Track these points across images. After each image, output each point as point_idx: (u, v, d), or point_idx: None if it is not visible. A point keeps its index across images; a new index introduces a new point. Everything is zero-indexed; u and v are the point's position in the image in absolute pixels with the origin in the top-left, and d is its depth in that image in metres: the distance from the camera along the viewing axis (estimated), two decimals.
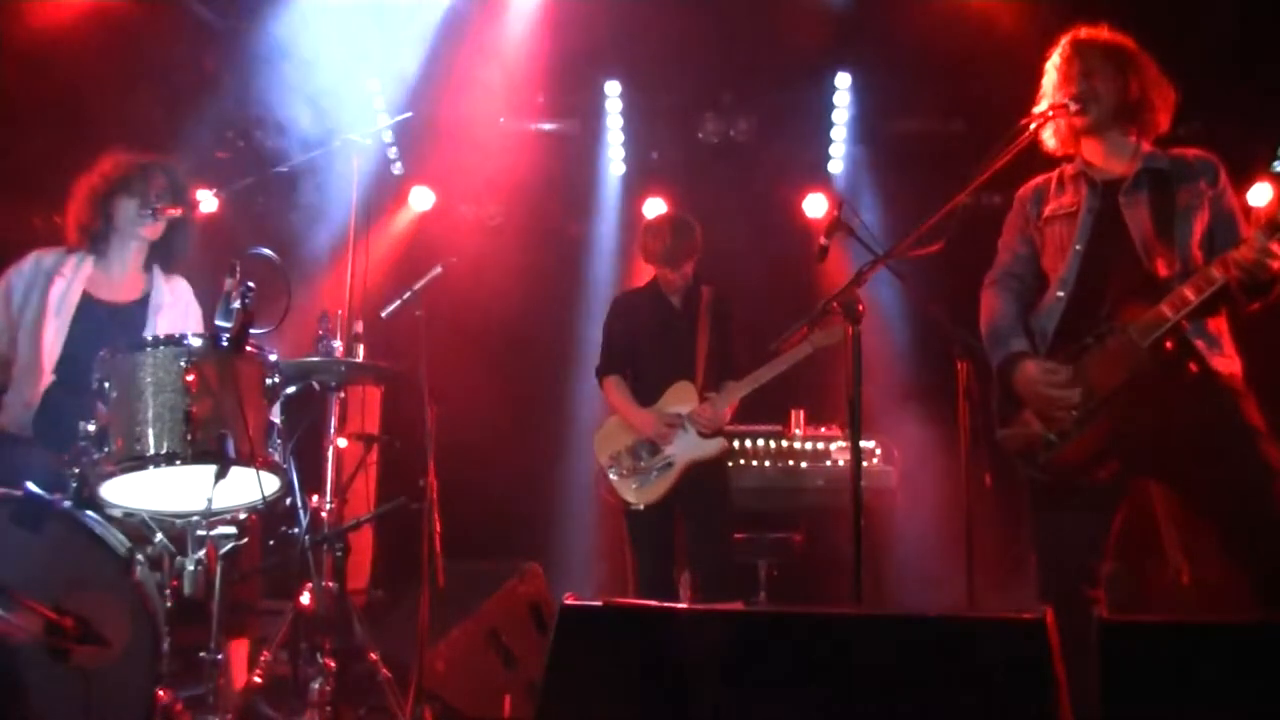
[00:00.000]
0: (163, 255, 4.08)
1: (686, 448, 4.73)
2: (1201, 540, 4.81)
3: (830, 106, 6.53)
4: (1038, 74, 3.50)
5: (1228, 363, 3.21)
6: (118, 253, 4.00)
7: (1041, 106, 3.44)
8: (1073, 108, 3.33)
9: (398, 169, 6.97)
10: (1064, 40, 3.45)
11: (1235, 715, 2.17)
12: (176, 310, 4.06)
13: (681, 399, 4.80)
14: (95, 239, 3.96)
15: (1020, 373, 3.36)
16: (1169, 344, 3.15)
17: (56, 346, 3.80)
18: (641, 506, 4.71)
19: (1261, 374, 3.32)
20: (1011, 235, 3.61)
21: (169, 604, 3.23)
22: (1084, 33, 3.42)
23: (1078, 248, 3.38)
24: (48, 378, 3.76)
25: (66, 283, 3.88)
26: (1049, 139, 3.47)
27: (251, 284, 3.28)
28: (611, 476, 4.78)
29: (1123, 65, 3.36)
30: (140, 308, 4.00)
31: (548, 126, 6.71)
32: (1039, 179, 3.59)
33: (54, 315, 3.83)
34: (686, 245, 4.83)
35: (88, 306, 3.90)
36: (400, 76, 6.12)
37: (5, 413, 3.79)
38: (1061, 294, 3.38)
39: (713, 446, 4.75)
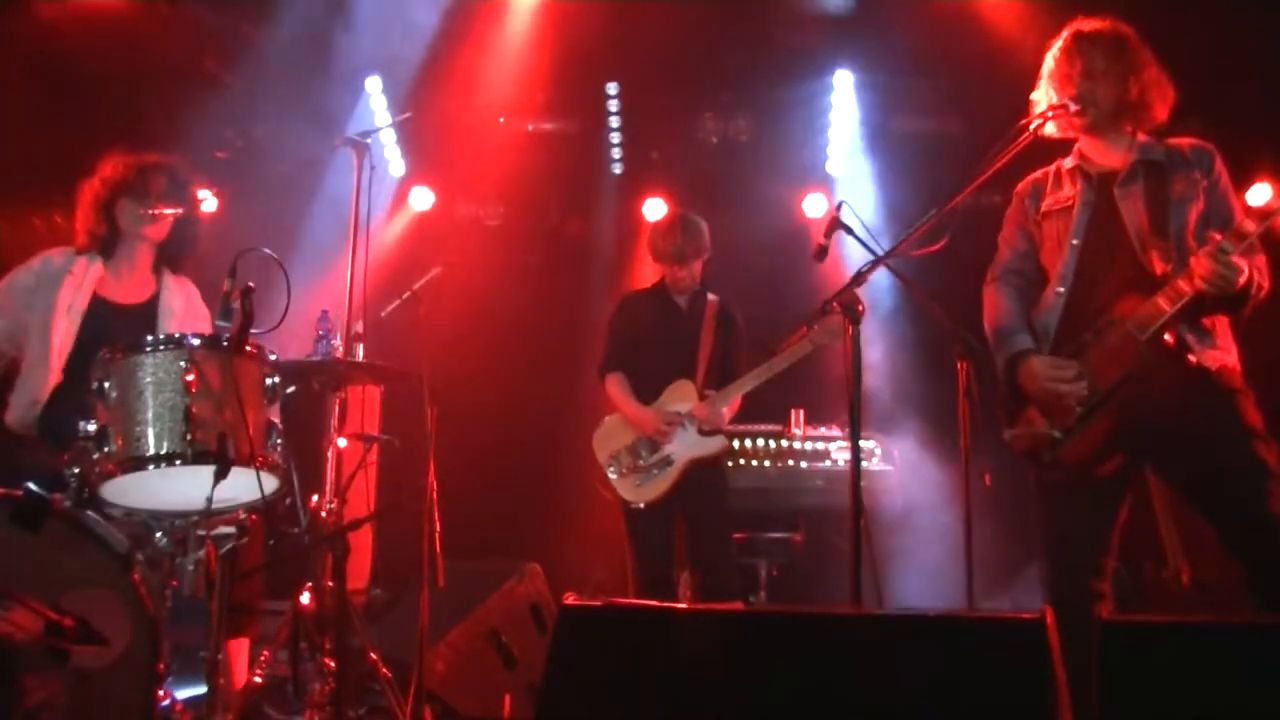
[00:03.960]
0: (171, 255, 4.09)
1: (687, 446, 4.73)
2: (1201, 540, 4.80)
3: (830, 106, 6.54)
4: (1038, 74, 3.50)
5: (1220, 355, 3.20)
6: (126, 255, 4.01)
7: (1038, 95, 3.45)
8: (1072, 108, 3.33)
9: (398, 169, 6.97)
10: (1066, 32, 3.42)
11: (1235, 715, 2.17)
12: (188, 313, 4.07)
13: (681, 397, 4.79)
14: (103, 243, 3.98)
15: (1026, 369, 3.36)
16: (1168, 337, 3.15)
17: (67, 347, 3.81)
18: (641, 505, 4.70)
19: (1261, 368, 3.31)
20: (1011, 231, 3.62)
21: (169, 604, 3.23)
22: (1086, 27, 3.40)
23: (1074, 242, 3.39)
24: (56, 377, 3.77)
25: (78, 283, 3.89)
26: (1048, 126, 3.43)
27: (251, 284, 3.28)
28: (611, 475, 4.77)
29: (1124, 66, 3.35)
30: (150, 309, 4.01)
31: (548, 126, 6.71)
32: (1036, 174, 3.59)
33: (64, 316, 3.83)
34: (695, 244, 4.84)
35: (98, 308, 3.90)
36: (400, 76, 6.13)
37: (11, 411, 3.80)
38: (1061, 290, 3.39)
39: (713, 445, 4.75)
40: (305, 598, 4.02)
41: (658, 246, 4.89)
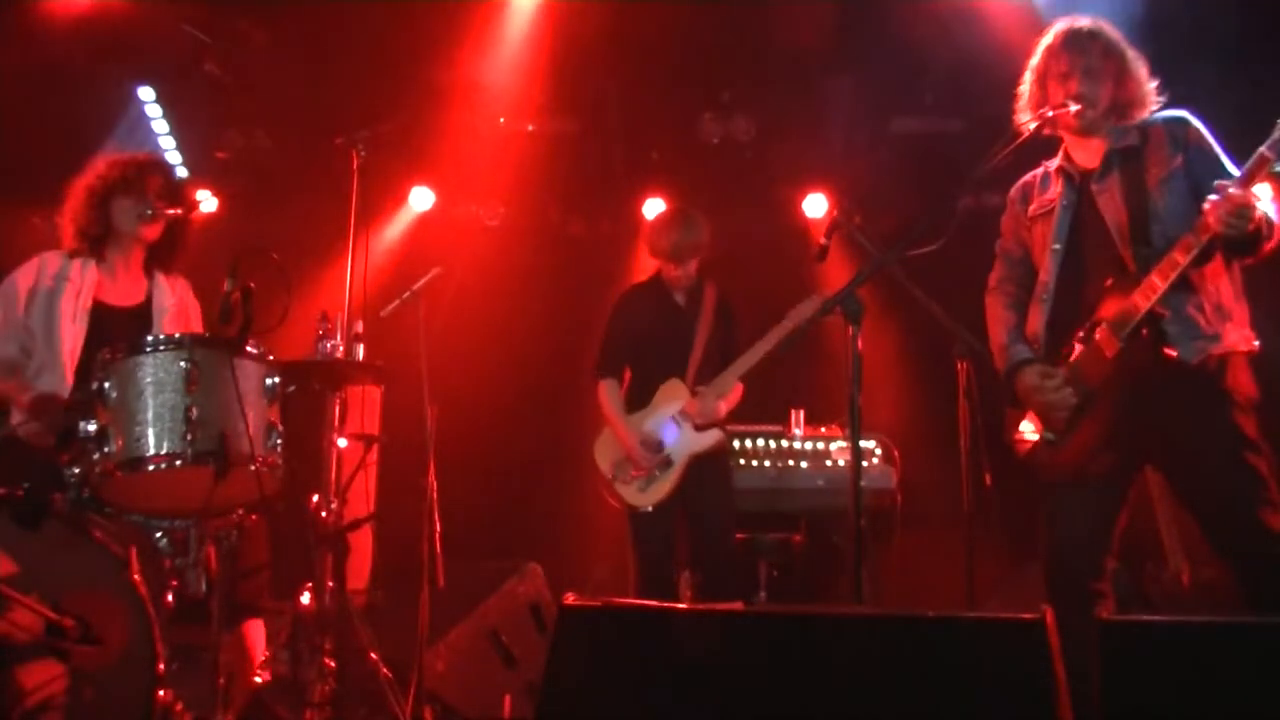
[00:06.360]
0: (161, 256, 4.06)
1: (684, 444, 4.72)
2: (1201, 540, 4.80)
3: (830, 106, 6.53)
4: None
5: (1205, 346, 3.15)
6: (118, 256, 3.97)
7: (1026, 90, 3.43)
8: (1073, 108, 3.31)
9: (397, 169, 6.96)
10: (1059, 29, 3.39)
11: (1235, 715, 2.17)
12: (178, 311, 4.06)
13: (673, 396, 4.79)
14: (94, 242, 3.92)
15: (1021, 381, 3.40)
16: (1145, 333, 3.14)
17: (76, 353, 3.78)
18: (650, 508, 4.69)
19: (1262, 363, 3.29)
20: (1007, 237, 3.64)
21: (169, 604, 3.23)
22: (1083, 25, 3.37)
23: (1055, 247, 3.40)
24: (70, 383, 3.74)
25: (78, 289, 3.84)
26: (1034, 124, 3.38)
27: (251, 284, 3.28)
28: (616, 484, 4.77)
29: (1118, 65, 3.34)
30: (145, 310, 3.98)
31: (548, 126, 6.70)
32: (1027, 176, 3.59)
33: (71, 322, 3.80)
34: (694, 242, 4.81)
35: (100, 312, 3.86)
36: (400, 77, 6.13)
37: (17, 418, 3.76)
38: (1045, 298, 3.41)
39: (708, 439, 4.74)
40: (305, 598, 4.02)
41: (656, 244, 4.86)
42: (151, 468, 3.16)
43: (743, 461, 5.70)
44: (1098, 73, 3.32)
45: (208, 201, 4.33)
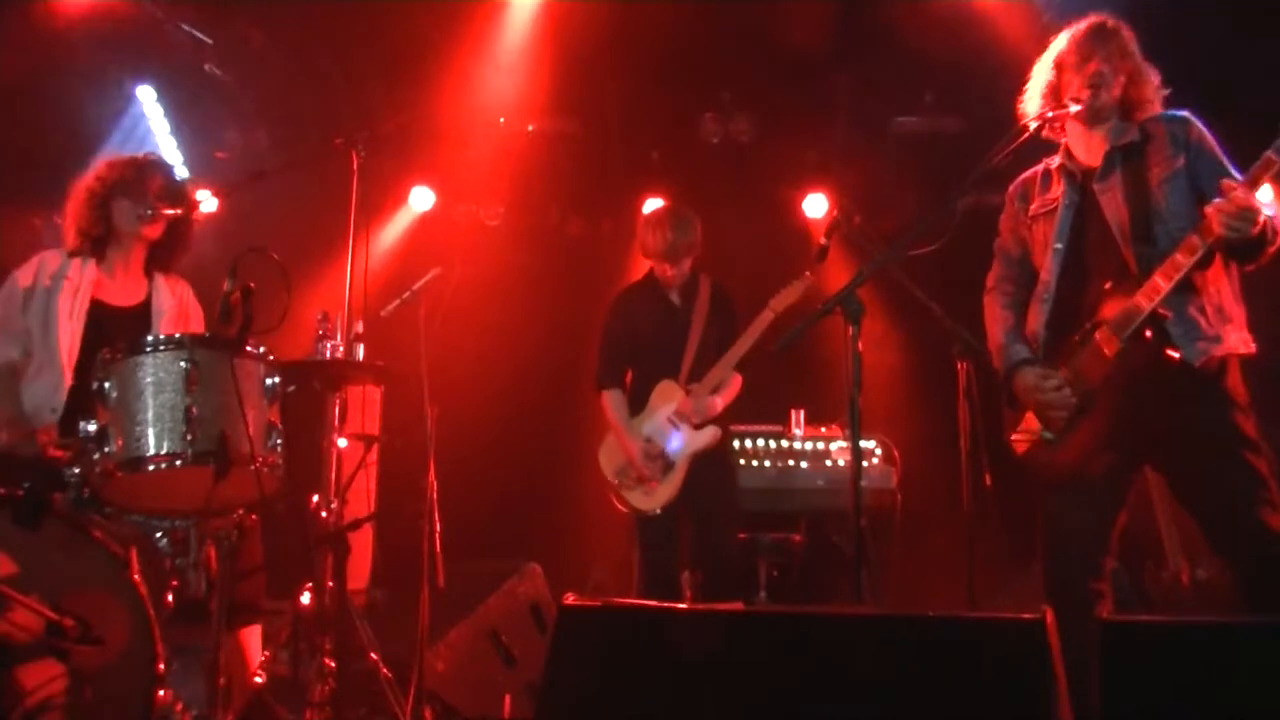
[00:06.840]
0: (162, 256, 4.06)
1: (683, 444, 4.72)
2: (1201, 540, 4.80)
3: (830, 106, 6.53)
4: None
5: (1207, 346, 3.15)
6: (119, 256, 3.97)
7: (1038, 82, 3.43)
8: (1073, 109, 3.31)
9: (398, 169, 6.96)
10: (1089, 22, 3.38)
11: (1235, 715, 2.17)
12: (178, 312, 4.05)
13: (667, 398, 4.78)
14: (95, 243, 3.93)
15: (1020, 381, 3.40)
16: (1147, 334, 3.14)
17: (74, 351, 3.77)
18: (658, 510, 4.69)
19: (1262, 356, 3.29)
20: (1005, 235, 3.63)
21: (169, 604, 3.23)
22: (1109, 22, 3.37)
23: (1058, 246, 3.39)
24: (69, 382, 3.73)
25: (75, 288, 3.84)
26: (1035, 124, 3.38)
27: (251, 284, 3.28)
28: (621, 490, 4.77)
29: (1136, 67, 3.35)
30: (144, 311, 3.98)
31: (548, 126, 6.71)
32: (1026, 174, 3.59)
33: (68, 319, 3.80)
34: (687, 240, 4.78)
35: (98, 311, 3.87)
36: (400, 76, 6.13)
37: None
38: (1046, 297, 3.41)
39: (706, 436, 4.72)
40: (305, 598, 4.01)
41: (648, 244, 4.82)
42: (151, 467, 3.17)
43: (743, 461, 5.70)
44: (1116, 65, 3.32)
45: (208, 201, 4.32)
